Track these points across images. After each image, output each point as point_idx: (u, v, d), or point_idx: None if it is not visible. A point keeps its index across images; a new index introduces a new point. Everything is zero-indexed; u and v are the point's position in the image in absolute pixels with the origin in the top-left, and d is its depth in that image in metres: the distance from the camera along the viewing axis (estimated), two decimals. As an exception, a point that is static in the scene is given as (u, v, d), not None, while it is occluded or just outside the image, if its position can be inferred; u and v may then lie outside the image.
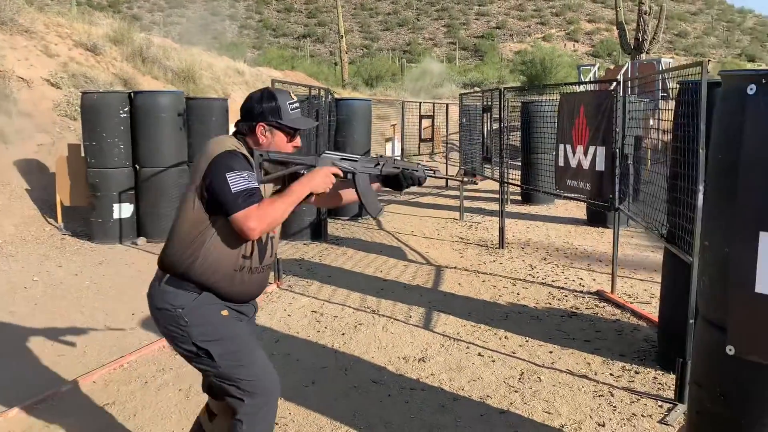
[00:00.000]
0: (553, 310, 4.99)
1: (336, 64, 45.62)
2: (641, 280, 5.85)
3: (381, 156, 2.51)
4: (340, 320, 4.69)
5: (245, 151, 2.18)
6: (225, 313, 2.22)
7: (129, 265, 6.37)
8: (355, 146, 8.92)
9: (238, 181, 2.06)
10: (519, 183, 7.31)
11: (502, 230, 7.13)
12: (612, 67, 26.19)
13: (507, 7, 78.50)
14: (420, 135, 12.45)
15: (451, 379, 3.71)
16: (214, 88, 15.61)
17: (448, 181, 12.23)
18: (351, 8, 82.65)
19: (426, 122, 12.69)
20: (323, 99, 7.18)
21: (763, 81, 2.02)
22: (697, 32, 70.33)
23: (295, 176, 2.26)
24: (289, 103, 2.25)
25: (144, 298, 2.32)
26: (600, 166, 5.20)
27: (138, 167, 7.27)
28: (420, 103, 12.84)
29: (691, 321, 3.23)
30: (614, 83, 5.13)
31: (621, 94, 5.01)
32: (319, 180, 2.19)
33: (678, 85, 3.78)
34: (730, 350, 2.10)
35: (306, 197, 2.22)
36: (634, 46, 27.39)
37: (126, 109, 7.15)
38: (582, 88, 7.36)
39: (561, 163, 5.83)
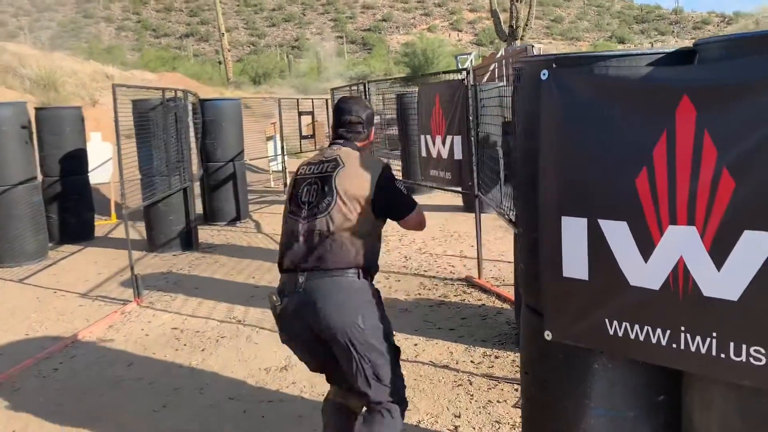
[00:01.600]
0: (423, 301, 5.01)
1: (220, 63, 44.36)
2: (509, 262, 6.00)
3: None
4: (201, 335, 4.47)
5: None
6: None
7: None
8: (227, 148, 8.63)
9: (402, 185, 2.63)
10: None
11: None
12: (488, 54, 27.03)
13: (392, 0, 79.31)
14: (300, 132, 12.25)
15: (312, 386, 3.61)
16: (80, 95, 14.67)
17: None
18: (234, 5, 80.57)
19: (306, 119, 12.51)
20: (181, 102, 6.85)
21: (554, 65, 2.03)
22: (571, 17, 74.05)
23: None
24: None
25: None
26: (458, 154, 5.26)
27: (-20, 187, 6.65)
28: (297, 99, 12.63)
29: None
30: (464, 72, 5.20)
31: (471, 83, 5.09)
32: None
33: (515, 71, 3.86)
34: (547, 335, 2.11)
35: None
36: (508, 33, 28.40)
37: (-40, 125, 6.50)
38: (460, 76, 7.46)
39: (424, 153, 5.85)
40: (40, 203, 6.97)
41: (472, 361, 3.84)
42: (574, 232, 2.00)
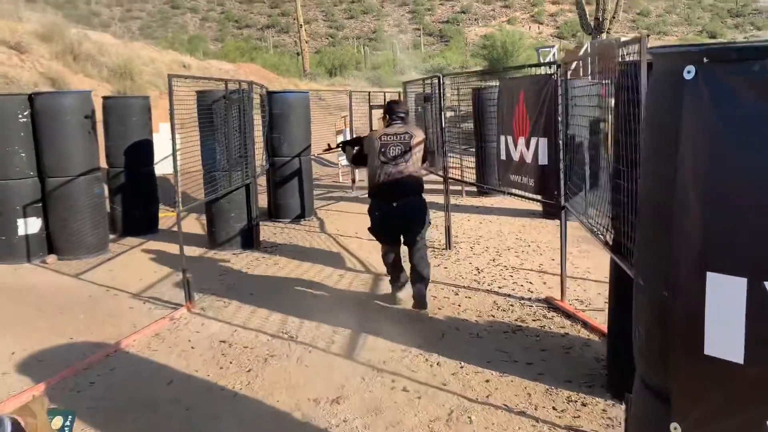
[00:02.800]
0: (496, 324, 4.44)
1: (298, 54, 44.71)
2: (596, 281, 5.33)
3: None
4: (249, 352, 4.07)
5: None
6: None
7: (28, 289, 5.65)
8: (294, 143, 8.27)
9: None
10: (462, 178, 6.72)
11: (448, 229, 6.56)
12: (572, 48, 25.82)
13: (471, -9, 78.06)
14: (371, 126, 11.79)
15: (366, 426, 3.13)
16: (155, 84, 14.73)
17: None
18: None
19: (378, 112, 12.03)
20: (243, 94, 6.50)
21: (705, 60, 1.45)
22: (659, 10, 70.68)
23: None
24: None
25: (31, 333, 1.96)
26: (543, 159, 4.65)
27: (44, 177, 6.52)
28: (369, 92, 12.17)
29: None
30: (554, 66, 4.56)
31: (562, 78, 4.46)
32: None
33: (619, 67, 3.22)
34: (675, 429, 1.55)
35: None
36: (594, 26, 27.03)
37: (26, 113, 6.38)
38: (549, 70, 6.79)
39: (503, 156, 5.26)
40: (102, 195, 6.81)
41: (554, 408, 3.25)
42: (725, 295, 1.43)
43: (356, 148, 5.08)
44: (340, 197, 10.41)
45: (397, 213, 4.57)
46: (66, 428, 1.28)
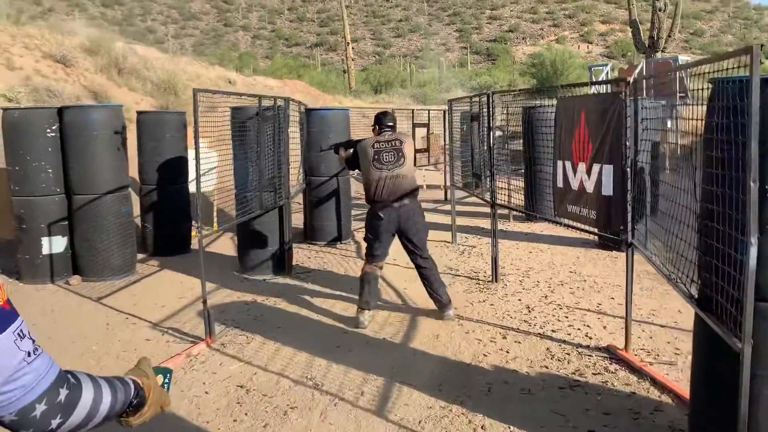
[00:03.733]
0: (551, 378, 3.87)
1: (344, 71, 44.94)
2: (663, 326, 4.71)
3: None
4: (268, 402, 3.60)
5: None
6: None
7: (45, 313, 5.34)
8: (331, 163, 7.85)
9: None
10: (511, 205, 6.17)
11: (495, 260, 6.01)
12: (626, 67, 24.94)
13: (519, 11, 77.60)
14: (413, 145, 11.34)
15: (395, 507, 2.62)
16: (199, 100, 14.63)
17: (446, 192, 11.15)
18: (362, 15, 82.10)
19: (420, 131, 11.58)
20: (279, 111, 6.11)
21: None
22: (713, 30, 68.78)
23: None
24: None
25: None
26: (607, 189, 4.09)
27: (71, 194, 6.26)
28: (413, 110, 11.71)
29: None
30: (623, 84, 4.00)
31: (631, 97, 3.90)
32: None
33: (710, 85, 2.67)
34: None
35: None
36: (648, 45, 26.12)
37: (54, 128, 6.15)
38: (593, 90, 6.22)
39: (560, 183, 4.71)
40: (130, 214, 6.50)
41: (624, 495, 2.68)
42: None
43: (350, 150, 5.27)
44: (381, 219, 9.95)
45: (395, 216, 4.78)
46: (165, 384, 1.36)
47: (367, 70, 52.82)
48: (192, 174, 7.76)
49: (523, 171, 8.19)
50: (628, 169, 3.92)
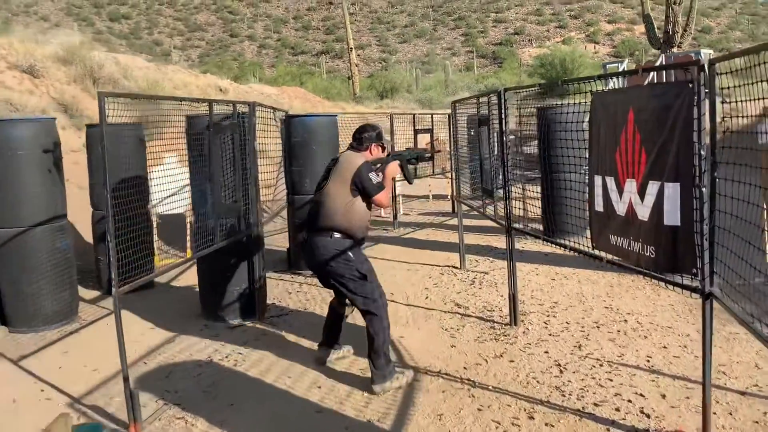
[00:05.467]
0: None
1: (349, 78, 44.03)
2: (743, 393, 3.51)
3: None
4: None
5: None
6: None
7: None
8: (317, 178, 6.69)
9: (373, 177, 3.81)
10: (531, 230, 4.98)
11: (513, 298, 4.83)
12: (641, 64, 23.72)
13: (525, 13, 76.69)
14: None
15: None
16: (183, 110, 13.56)
17: (454, 204, 9.96)
18: (368, 22, 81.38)
19: (424, 137, 10.40)
20: (241, 119, 4.98)
21: None
22: (721, 27, 67.53)
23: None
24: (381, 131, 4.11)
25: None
26: (672, 217, 2.91)
27: (-8, 228, 5.14)
28: (414, 114, 10.52)
29: None
30: (691, 69, 2.82)
31: (705, 88, 2.73)
32: (392, 167, 4.04)
33: None
34: None
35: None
36: (663, 41, 24.87)
37: (-31, 147, 5.04)
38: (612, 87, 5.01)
39: (599, 206, 3.53)
40: (68, 250, 5.38)
41: None
42: None
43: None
44: (379, 237, 8.79)
45: (308, 248, 4.03)
46: None
47: (373, 77, 51.96)
48: (156, 196, 6.68)
49: (540, 182, 7.00)
50: (704, 190, 2.75)
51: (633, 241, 3.21)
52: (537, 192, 6.17)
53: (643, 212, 3.10)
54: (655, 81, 13.44)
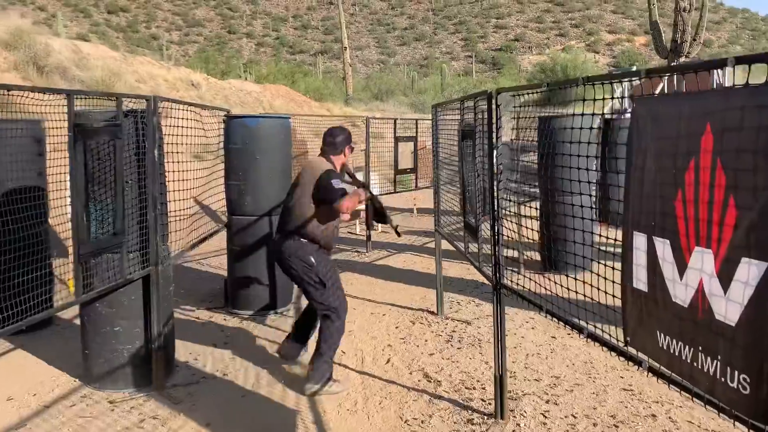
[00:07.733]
0: None
1: (343, 78, 42.81)
2: None
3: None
4: None
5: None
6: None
7: None
8: (260, 195, 5.36)
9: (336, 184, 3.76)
10: (528, 295, 3.64)
11: (500, 382, 3.47)
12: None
13: (525, 20, 75.95)
14: (396, 164, 8.80)
15: None
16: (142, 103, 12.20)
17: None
18: (368, 24, 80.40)
19: (406, 145, 9.06)
20: (137, 119, 3.63)
21: None
22: (721, 41, 66.98)
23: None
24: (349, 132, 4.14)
25: None
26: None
27: None
28: (395, 119, 9.12)
29: None
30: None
31: None
32: (362, 192, 3.92)
33: None
34: None
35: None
36: (671, 49, 23.63)
37: None
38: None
39: (640, 282, 2.19)
40: None
41: None
42: None
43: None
44: (347, 262, 7.43)
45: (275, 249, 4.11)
46: None
47: (370, 78, 50.84)
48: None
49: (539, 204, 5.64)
50: None
51: (703, 354, 1.88)
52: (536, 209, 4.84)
53: (727, 310, 1.77)
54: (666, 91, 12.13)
